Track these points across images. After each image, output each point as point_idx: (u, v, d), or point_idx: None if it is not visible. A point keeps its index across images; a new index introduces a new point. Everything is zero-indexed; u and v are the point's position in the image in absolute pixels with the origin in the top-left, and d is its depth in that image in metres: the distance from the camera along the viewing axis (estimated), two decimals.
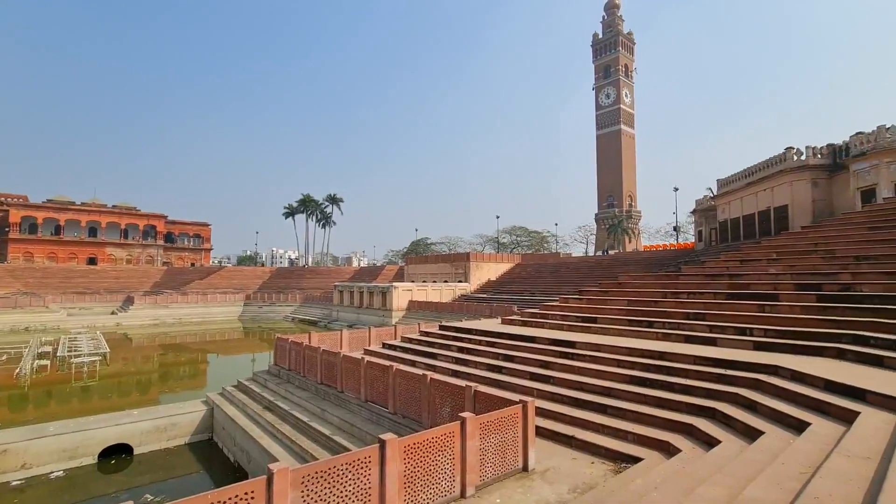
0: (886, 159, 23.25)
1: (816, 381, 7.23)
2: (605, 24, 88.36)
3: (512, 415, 6.52)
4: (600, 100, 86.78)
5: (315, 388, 12.63)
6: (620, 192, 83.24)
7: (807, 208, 27.69)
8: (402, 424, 9.03)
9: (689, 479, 5.34)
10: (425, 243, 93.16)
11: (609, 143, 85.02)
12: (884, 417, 5.55)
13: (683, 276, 16.22)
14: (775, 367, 8.16)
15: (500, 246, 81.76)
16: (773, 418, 6.79)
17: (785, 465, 4.86)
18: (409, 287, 45.02)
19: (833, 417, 6.15)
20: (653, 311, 13.24)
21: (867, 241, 14.14)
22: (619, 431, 7.74)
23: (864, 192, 24.24)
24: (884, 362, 7.69)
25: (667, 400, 8.26)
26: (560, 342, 11.85)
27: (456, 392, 7.89)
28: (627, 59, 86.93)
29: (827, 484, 3.90)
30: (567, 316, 14.67)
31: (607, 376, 9.62)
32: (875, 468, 4.09)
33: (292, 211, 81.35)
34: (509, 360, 11.70)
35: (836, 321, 9.75)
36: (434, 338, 15.24)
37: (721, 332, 10.80)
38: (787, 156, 29.15)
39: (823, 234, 16.65)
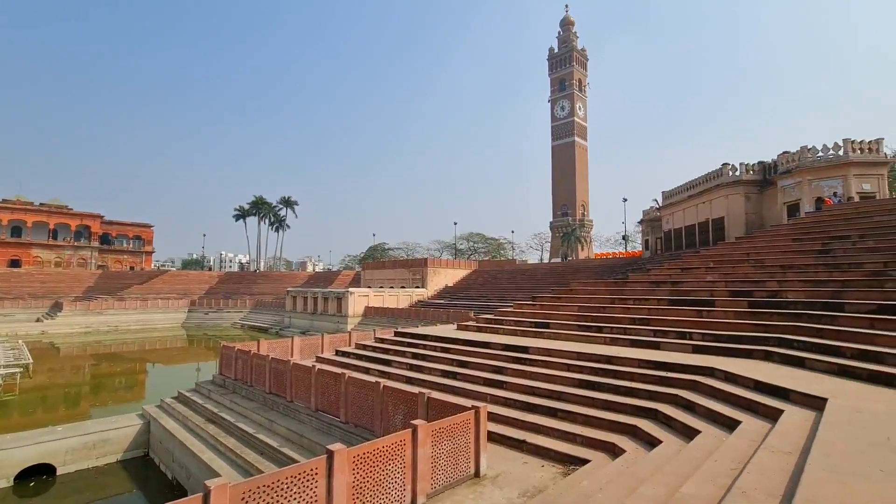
0: (808, 177, 25.47)
1: (747, 381, 7.74)
2: (560, 39, 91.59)
3: (464, 421, 6.52)
4: (555, 112, 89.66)
5: (263, 399, 12.11)
6: (574, 201, 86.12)
7: (741, 220, 29.77)
8: (354, 434, 8.83)
9: (631, 479, 5.54)
10: (383, 248, 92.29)
11: (563, 154, 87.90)
12: (804, 414, 6.01)
13: (630, 283, 16.96)
14: (711, 369, 8.67)
15: (457, 252, 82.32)
16: (708, 418, 7.19)
17: (718, 461, 5.14)
18: (365, 292, 44.34)
19: (761, 415, 6.59)
20: (602, 316, 13.74)
21: (791, 251, 15.39)
22: (569, 434, 7.93)
23: (790, 206, 26.40)
24: (805, 363, 8.35)
25: (613, 402, 8.57)
26: (514, 347, 12.03)
27: (409, 399, 7.81)
28: (581, 73, 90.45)
29: (753, 478, 4.15)
30: (521, 322, 14.94)
31: (558, 380, 9.85)
32: (795, 462, 4.40)
33: (243, 213, 78.18)
34: (464, 365, 11.74)
35: (765, 325, 10.51)
36: (389, 344, 15.05)
37: (664, 337, 11.36)
38: (723, 171, 31.28)
39: (754, 244, 17.95)
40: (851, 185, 24.12)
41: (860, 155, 24.47)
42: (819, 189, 24.95)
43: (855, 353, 7.93)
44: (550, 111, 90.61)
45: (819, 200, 24.13)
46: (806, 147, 26.13)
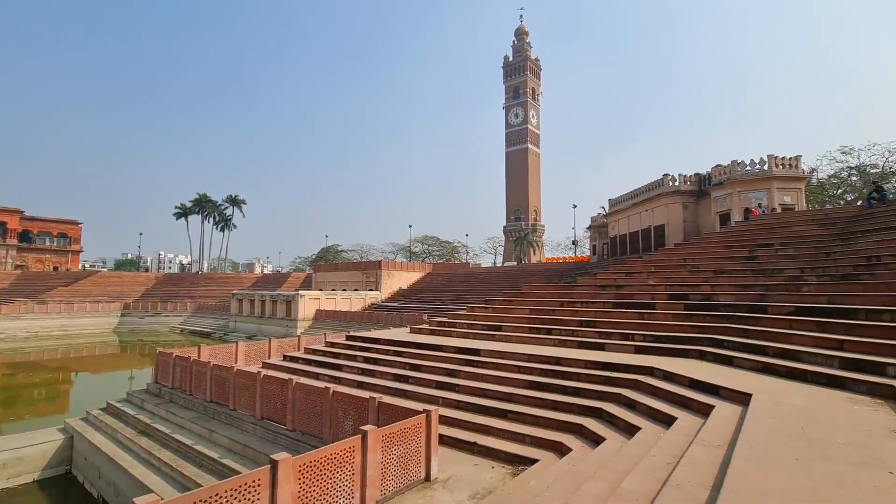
0: (738, 189, 27.56)
1: (683, 379, 8.22)
2: (515, 48, 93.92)
3: (415, 425, 6.47)
4: (510, 119, 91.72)
5: (203, 408, 11.45)
6: (527, 206, 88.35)
7: (679, 228, 31.71)
8: (302, 442, 8.53)
9: (577, 477, 5.72)
10: (336, 250, 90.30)
11: (517, 160, 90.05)
12: (732, 409, 6.46)
13: (578, 286, 17.59)
14: (651, 369, 9.13)
15: (412, 255, 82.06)
16: (648, 415, 7.56)
17: (656, 457, 5.41)
18: (316, 295, 43.15)
19: (695, 411, 7.02)
20: (551, 318, 14.14)
21: (723, 258, 16.56)
22: (518, 435, 8.07)
23: (722, 215, 28.44)
24: (734, 362, 8.99)
25: (561, 402, 8.82)
26: (466, 350, 12.12)
27: (359, 404, 7.66)
28: (534, 83, 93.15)
29: (687, 471, 4.41)
30: (474, 324, 15.08)
31: (509, 382, 10.02)
32: (724, 454, 4.71)
33: (185, 211, 73.88)
34: (416, 369, 11.68)
35: (699, 326, 11.23)
36: (340, 348, 14.72)
37: (608, 338, 11.85)
38: (664, 181, 33.22)
39: (691, 251, 19.17)
40: (774, 197, 26.35)
41: (782, 170, 26.79)
42: (747, 200, 27.04)
43: (776, 352, 8.63)
44: (505, 118, 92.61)
45: (747, 211, 26.15)
46: (736, 161, 28.27)
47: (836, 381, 6.82)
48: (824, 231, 16.38)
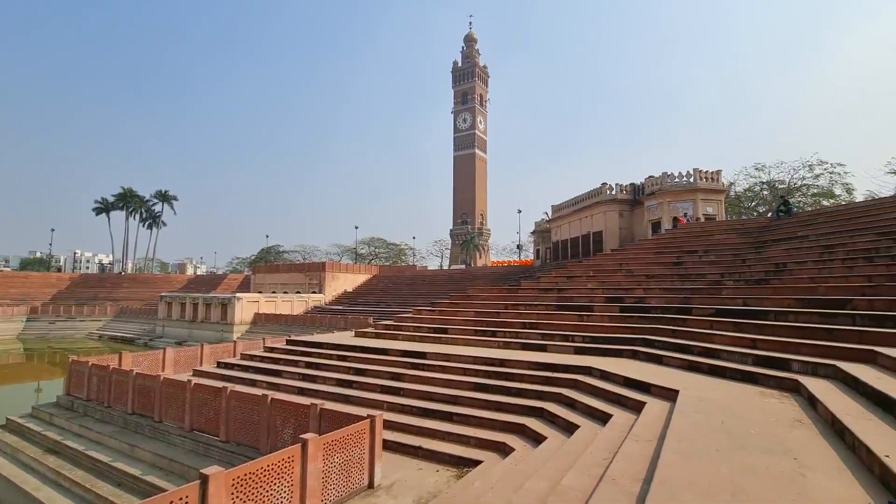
0: (668, 199, 29.61)
1: (618, 378, 8.66)
2: (464, 54, 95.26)
3: (359, 431, 6.32)
4: (458, 123, 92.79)
5: (124, 421, 10.52)
6: (473, 210, 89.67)
7: (616, 234, 33.51)
8: (236, 454, 8.06)
9: (519, 476, 5.84)
10: (277, 251, 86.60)
11: (465, 165, 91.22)
12: (662, 405, 6.88)
13: (522, 289, 18.07)
14: (589, 369, 9.55)
15: (357, 257, 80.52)
16: (586, 413, 7.89)
17: (593, 453, 5.65)
18: (255, 298, 41.16)
19: (629, 408, 7.41)
20: (496, 321, 14.40)
21: (654, 263, 17.69)
22: (463, 437, 8.13)
23: (654, 223, 30.41)
24: (663, 360, 9.59)
25: (505, 403, 8.99)
26: (412, 353, 12.04)
27: (300, 411, 7.36)
28: (482, 89, 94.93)
29: (621, 466, 4.63)
30: (420, 327, 15.03)
31: (455, 385, 10.07)
32: (654, 448, 5.00)
33: (107, 206, 67.83)
34: (361, 373, 11.45)
35: (633, 328, 11.90)
36: (280, 353, 14.10)
37: (550, 340, 12.26)
38: (602, 190, 35.00)
39: (626, 256, 20.32)
40: (699, 208, 28.57)
41: (705, 183, 29.12)
42: (675, 210, 29.12)
43: (700, 351, 9.32)
44: (453, 122, 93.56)
45: (675, 219, 28.16)
46: (666, 173, 30.37)
47: (750, 377, 7.47)
48: (741, 240, 17.98)
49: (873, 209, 16.31)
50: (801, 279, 11.35)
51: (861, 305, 8.40)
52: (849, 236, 13.63)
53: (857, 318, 7.91)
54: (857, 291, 9.11)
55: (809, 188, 39.14)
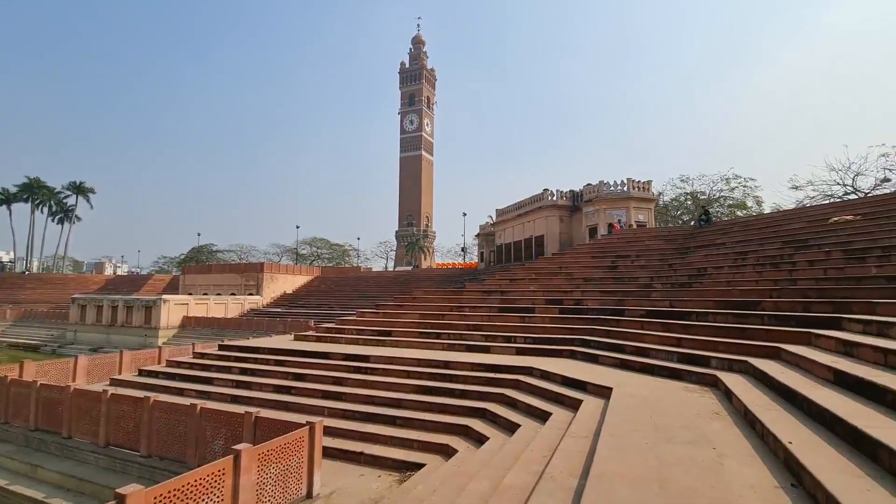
0: (604, 206, 31.26)
1: (557, 378, 8.96)
2: (411, 55, 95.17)
3: (297, 439, 6.06)
4: (405, 125, 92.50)
5: (25, 438, 9.39)
6: (419, 212, 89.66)
7: (556, 238, 34.86)
8: (160, 469, 7.45)
9: (462, 478, 5.86)
10: (210, 251, 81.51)
11: (411, 166, 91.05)
12: (597, 402, 7.20)
13: (467, 292, 18.28)
14: (530, 369, 9.81)
15: (298, 257, 77.73)
16: (527, 412, 8.09)
17: (533, 451, 5.79)
18: (184, 300, 38.45)
19: (567, 406, 7.68)
20: (441, 323, 14.45)
21: (591, 266, 18.59)
22: (406, 441, 8.05)
23: (591, 229, 31.98)
24: (599, 359, 10.07)
25: (449, 405, 9.02)
26: (355, 357, 11.78)
27: (232, 421, 6.94)
28: (430, 91, 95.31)
29: (560, 462, 4.78)
30: (363, 330, 14.75)
31: (398, 388, 9.96)
32: (590, 444, 5.21)
33: (8, 198, 60.62)
34: (301, 378, 11.02)
35: (571, 328, 12.40)
36: (211, 359, 13.25)
37: (494, 341, 12.48)
38: (544, 196, 36.30)
39: (565, 260, 21.18)
40: (632, 215, 30.43)
41: (638, 192, 31.08)
42: (611, 216, 30.79)
43: (632, 350, 9.88)
44: (400, 123, 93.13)
45: (610, 226, 29.77)
46: (603, 182, 32.07)
47: (676, 374, 8.02)
48: (668, 246, 19.34)
49: (779, 221, 18.19)
50: (719, 283, 12.40)
51: (768, 306, 9.31)
52: (759, 244, 15.09)
53: (766, 318, 8.74)
54: (765, 294, 10.08)
55: (726, 200, 42.95)
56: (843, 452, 3.65)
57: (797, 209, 24.36)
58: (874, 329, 6.15)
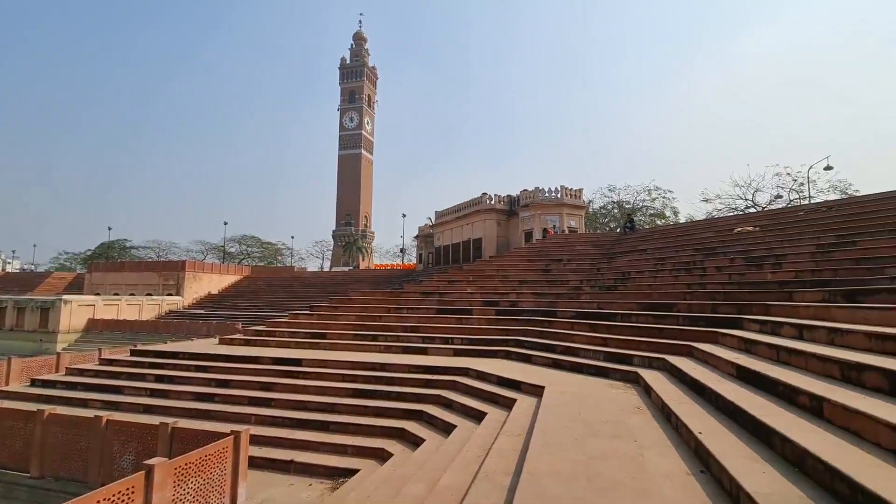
0: (539, 211, 32.52)
1: (493, 378, 9.14)
2: (353, 51, 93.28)
3: (220, 450, 5.66)
4: (344, 122, 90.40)
5: None
6: (358, 212, 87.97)
7: (494, 242, 35.69)
8: (55, 492, 6.64)
9: (397, 481, 5.78)
10: (122, 246, 74.23)
11: (350, 165, 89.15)
12: (530, 401, 7.43)
13: (405, 293, 18.18)
14: (466, 369, 9.93)
15: (226, 256, 73.12)
16: (463, 413, 8.17)
17: (469, 451, 5.85)
18: (90, 301, 34.72)
19: (502, 406, 7.85)
20: (378, 325, 14.23)
21: (526, 269, 19.23)
22: (340, 446, 7.82)
23: (527, 233, 33.11)
24: (532, 359, 10.42)
25: (385, 408, 8.88)
26: (286, 360, 11.27)
27: (145, 433, 6.35)
28: (371, 90, 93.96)
29: (494, 461, 4.86)
30: (296, 332, 14.17)
31: (332, 392, 9.66)
32: (523, 442, 5.36)
33: None
34: (225, 385, 10.34)
35: (507, 329, 12.74)
36: (121, 366, 12.06)
37: (431, 342, 12.50)
38: (482, 199, 37.05)
39: (502, 263, 21.75)
40: (565, 221, 31.93)
41: (570, 199, 32.68)
42: (545, 222, 32.11)
43: (562, 349, 10.34)
44: (339, 120, 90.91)
45: (545, 230, 31.02)
46: (539, 188, 33.36)
47: (602, 371, 8.50)
48: (597, 251, 20.50)
49: (692, 230, 19.95)
50: (641, 286, 13.34)
51: (683, 308, 10.15)
52: (675, 251, 16.44)
53: (680, 319, 9.52)
54: (680, 297, 10.99)
55: (648, 209, 46.46)
56: (744, 440, 4.04)
57: (707, 220, 26.90)
58: (769, 328, 6.91)
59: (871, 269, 8.72)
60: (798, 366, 5.09)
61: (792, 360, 5.28)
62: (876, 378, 3.86)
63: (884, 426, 3.09)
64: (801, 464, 3.29)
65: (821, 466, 3.01)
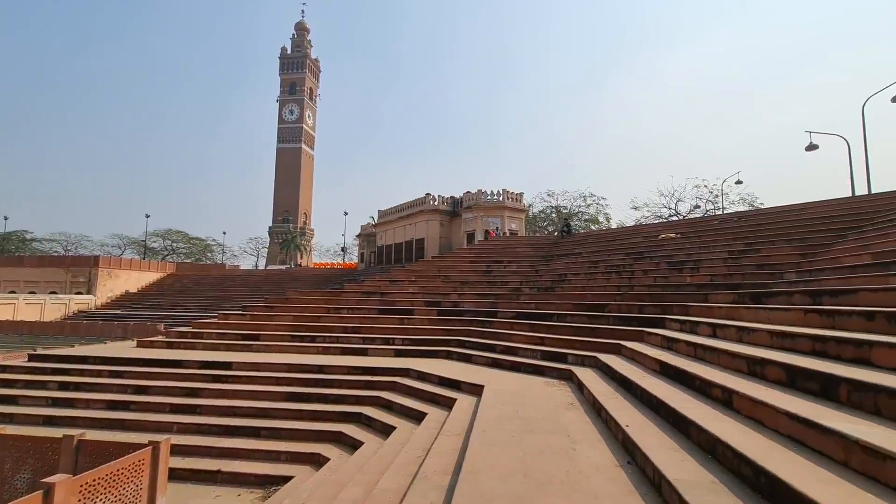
0: (481, 213, 33.12)
1: (433, 378, 9.15)
2: (294, 42, 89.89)
3: (135, 463, 5.17)
4: (284, 114, 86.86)
5: None
6: (297, 208, 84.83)
7: (436, 242, 35.86)
8: None
9: (334, 486, 5.61)
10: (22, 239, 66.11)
11: (289, 159, 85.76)
12: (470, 400, 7.52)
13: (345, 293, 17.75)
14: (407, 370, 9.87)
15: (147, 251, 67.52)
16: (403, 414, 8.10)
17: (408, 453, 5.80)
18: None
19: (442, 406, 7.88)
20: (317, 325, 13.78)
21: (468, 270, 19.49)
22: (273, 453, 7.46)
23: (469, 234, 33.60)
24: (472, 359, 10.55)
25: (322, 412, 8.60)
26: (214, 364, 10.59)
27: (43, 447, 5.66)
28: (313, 83, 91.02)
29: (434, 462, 4.85)
30: (226, 334, 13.36)
31: (265, 396, 9.21)
32: (462, 441, 5.40)
33: None
34: (143, 391, 9.52)
35: (448, 329, 12.82)
36: (17, 373, 10.72)
37: (372, 343, 12.29)
38: (426, 200, 37.11)
39: (445, 263, 21.89)
40: (506, 223, 32.75)
41: (511, 203, 33.58)
42: (487, 224, 32.76)
43: (502, 349, 10.57)
44: (278, 112, 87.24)
45: (486, 232, 31.63)
46: (481, 190, 33.98)
47: (538, 370, 8.79)
48: (536, 253, 21.22)
49: (622, 235, 21.24)
50: (577, 287, 13.98)
51: (613, 309, 10.76)
52: (607, 255, 17.40)
53: (611, 319, 10.09)
54: (611, 298, 11.64)
55: (583, 214, 48.88)
56: (667, 431, 4.34)
57: (636, 226, 28.83)
58: (688, 328, 7.49)
59: (773, 273, 9.75)
60: (712, 362, 5.56)
61: (707, 356, 5.76)
62: (776, 372, 4.30)
63: (783, 414, 3.44)
64: (713, 451, 3.58)
65: (730, 453, 3.29)
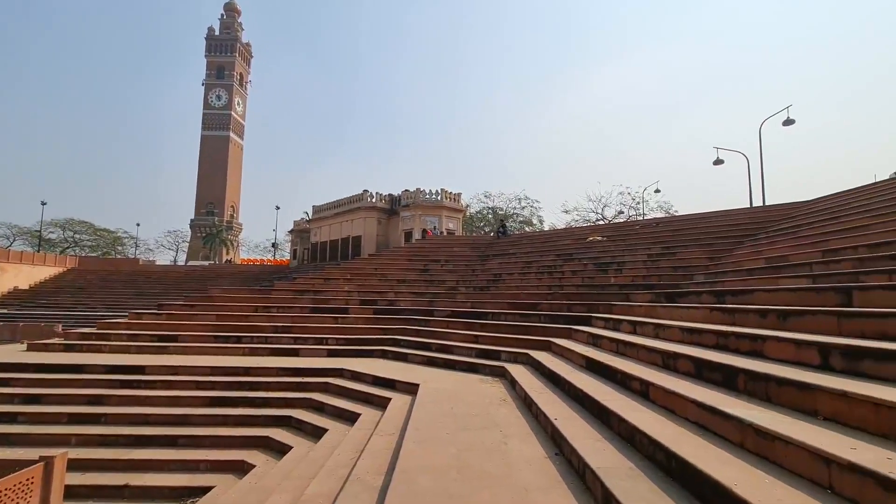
0: (419, 212, 33.14)
1: (367, 377, 9.00)
2: (223, 23, 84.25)
3: (22, 483, 4.56)
4: (210, 99, 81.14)
5: None
6: (223, 200, 79.62)
7: (374, 240, 35.36)
8: None
9: (259, 494, 5.33)
10: None
11: (215, 148, 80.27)
12: (405, 399, 7.48)
13: (276, 291, 16.95)
14: (341, 370, 9.62)
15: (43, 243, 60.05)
16: (335, 415, 7.88)
17: (341, 455, 5.64)
18: None
19: (376, 406, 7.76)
20: (243, 325, 13.03)
21: (405, 269, 19.41)
22: (191, 462, 6.93)
23: (407, 232, 33.49)
24: (408, 358, 10.51)
25: (248, 416, 8.14)
26: (124, 368, 9.64)
27: None
28: (243, 68, 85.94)
29: (367, 463, 4.76)
30: (138, 335, 12.23)
31: (184, 402, 8.54)
32: (396, 441, 5.36)
33: None
34: (34, 401, 8.45)
35: (384, 329, 12.67)
36: None
37: (304, 343, 11.83)
38: (363, 197, 36.47)
39: (382, 261, 21.62)
40: (444, 223, 33.04)
41: (449, 202, 33.94)
42: (425, 222, 32.86)
43: (437, 347, 10.63)
44: (204, 97, 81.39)
45: (424, 231, 31.72)
46: (420, 189, 34.00)
47: (473, 368, 8.96)
48: (472, 253, 21.60)
49: (554, 237, 22.24)
50: (511, 287, 14.42)
51: (545, 307, 11.23)
52: (540, 255, 18.13)
53: (542, 317, 10.52)
54: (542, 297, 12.15)
55: (518, 216, 50.59)
56: (591, 423, 4.60)
57: (567, 229, 30.36)
58: (611, 325, 8.01)
59: (686, 274, 10.70)
60: (632, 356, 5.99)
61: (628, 351, 6.19)
62: (686, 364, 4.72)
63: (691, 403, 3.78)
64: (632, 439, 3.85)
65: (646, 440, 3.56)
